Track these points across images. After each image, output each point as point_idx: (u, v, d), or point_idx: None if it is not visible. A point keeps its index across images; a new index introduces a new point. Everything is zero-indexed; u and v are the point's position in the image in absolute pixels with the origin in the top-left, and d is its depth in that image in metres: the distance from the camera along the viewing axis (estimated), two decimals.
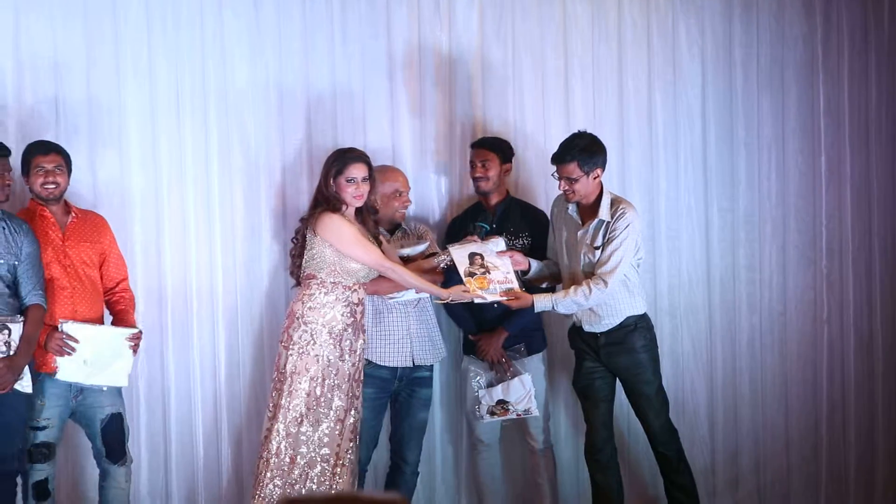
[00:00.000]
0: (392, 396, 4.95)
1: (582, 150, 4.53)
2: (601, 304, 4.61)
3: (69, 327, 4.42)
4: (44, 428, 4.44)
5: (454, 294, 4.52)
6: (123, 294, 4.72)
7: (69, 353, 4.42)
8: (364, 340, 4.65)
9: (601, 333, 4.76)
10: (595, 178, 4.59)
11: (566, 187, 4.54)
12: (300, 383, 4.47)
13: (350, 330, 4.55)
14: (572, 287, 4.53)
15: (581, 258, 4.64)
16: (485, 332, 4.99)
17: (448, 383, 5.38)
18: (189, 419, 5.17)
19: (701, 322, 5.52)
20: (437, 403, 5.29)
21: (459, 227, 5.08)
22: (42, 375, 4.47)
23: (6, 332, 4.22)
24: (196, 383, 5.20)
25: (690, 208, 5.53)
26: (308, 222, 4.59)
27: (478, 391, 4.93)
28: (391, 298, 4.79)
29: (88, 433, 4.62)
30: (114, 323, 4.63)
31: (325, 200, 4.57)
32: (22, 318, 4.33)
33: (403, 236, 5.02)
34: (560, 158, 4.56)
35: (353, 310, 4.55)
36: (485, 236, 4.71)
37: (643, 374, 4.77)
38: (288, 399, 4.48)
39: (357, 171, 4.59)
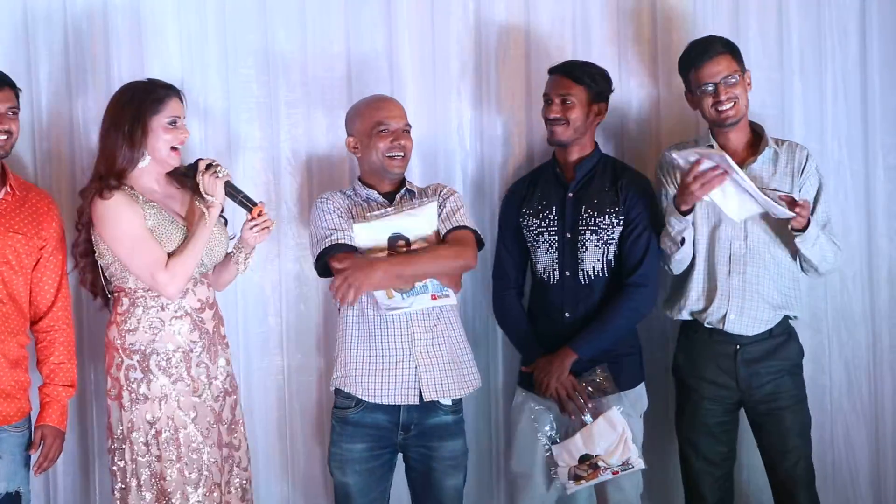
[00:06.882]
0: (403, 455, 3.81)
1: (728, 43, 3.80)
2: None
3: None
4: None
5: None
6: (48, 333, 3.60)
7: None
8: (227, 360, 3.71)
9: (746, 341, 3.81)
10: (749, 85, 3.84)
11: (727, 94, 3.73)
12: (143, 445, 3.55)
13: (200, 348, 3.62)
14: None
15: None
16: (542, 355, 3.95)
17: (479, 427, 4.33)
18: None
19: (860, 340, 4.55)
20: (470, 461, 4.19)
21: (522, 199, 4.10)
22: None
23: None
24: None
25: (842, 166, 4.58)
26: (85, 201, 3.59)
27: (550, 448, 3.89)
28: (389, 310, 3.65)
29: None
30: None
31: (112, 168, 3.56)
32: None
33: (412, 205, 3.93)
34: (708, 48, 3.78)
35: (196, 319, 3.62)
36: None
37: (797, 411, 3.86)
38: (133, 475, 3.53)
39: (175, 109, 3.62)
